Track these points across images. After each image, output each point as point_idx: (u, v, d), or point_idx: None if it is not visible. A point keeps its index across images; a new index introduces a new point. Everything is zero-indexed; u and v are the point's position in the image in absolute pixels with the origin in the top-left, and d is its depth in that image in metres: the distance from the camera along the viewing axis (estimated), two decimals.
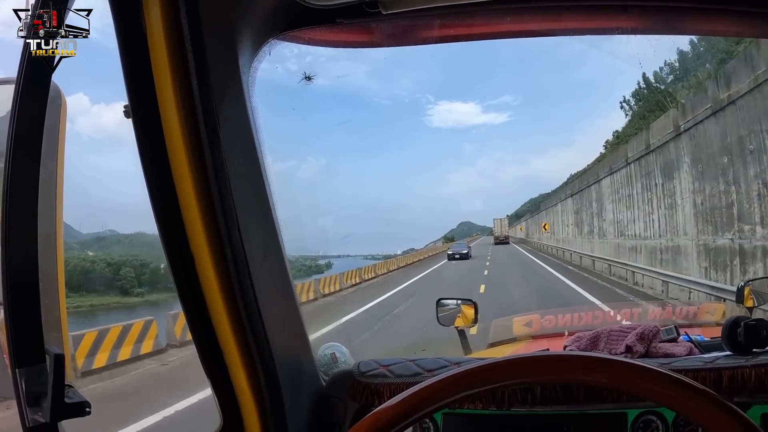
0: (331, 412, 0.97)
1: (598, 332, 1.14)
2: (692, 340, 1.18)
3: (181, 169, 0.74)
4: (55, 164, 0.86)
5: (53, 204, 0.87)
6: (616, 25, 1.05)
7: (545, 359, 0.61)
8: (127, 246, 31.86)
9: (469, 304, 1.78)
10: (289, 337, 0.92)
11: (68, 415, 0.63)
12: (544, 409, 0.93)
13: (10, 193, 0.63)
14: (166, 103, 0.72)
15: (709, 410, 0.52)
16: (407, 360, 0.99)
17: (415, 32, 1.02)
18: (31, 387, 0.62)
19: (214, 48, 0.74)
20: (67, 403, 0.62)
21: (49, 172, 0.83)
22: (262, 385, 0.83)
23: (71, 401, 0.62)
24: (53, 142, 0.84)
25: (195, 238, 0.76)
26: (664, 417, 0.93)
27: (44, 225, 0.77)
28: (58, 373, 0.61)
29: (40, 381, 0.63)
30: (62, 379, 0.62)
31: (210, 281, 0.77)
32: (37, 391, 0.62)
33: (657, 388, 0.54)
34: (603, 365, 0.57)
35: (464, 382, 0.59)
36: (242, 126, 0.81)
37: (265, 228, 0.86)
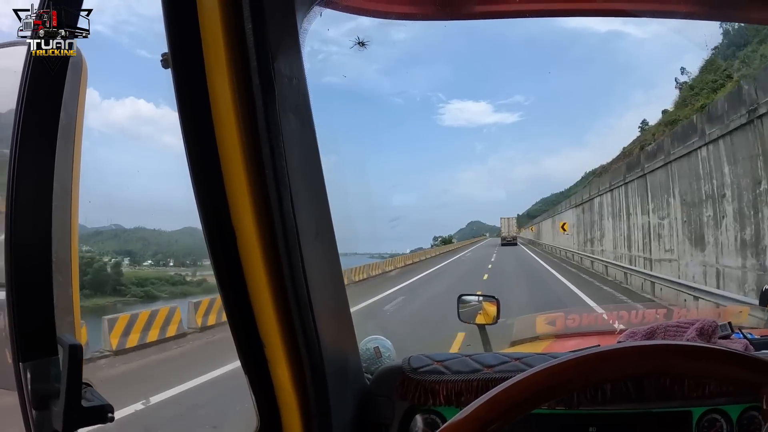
0: (377, 411, 0.86)
1: (654, 328, 1.08)
2: (745, 336, 1.14)
3: (228, 126, 0.62)
4: (72, 143, 0.74)
5: (69, 180, 0.74)
6: (651, 8, 1.00)
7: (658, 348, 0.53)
8: (123, 241, 31.63)
9: (491, 301, 1.70)
10: (337, 329, 0.81)
11: (86, 422, 0.49)
12: (613, 407, 0.85)
13: (21, 165, 0.56)
14: (214, 51, 0.61)
15: None
16: (462, 355, 0.89)
17: (468, 5, 0.95)
18: (39, 385, 0.49)
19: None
20: (84, 407, 0.49)
21: (66, 152, 0.71)
22: (307, 382, 0.71)
23: (90, 404, 0.49)
24: (71, 112, 0.72)
25: (238, 207, 0.64)
26: (728, 415, 0.88)
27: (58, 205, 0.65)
28: (74, 369, 0.48)
29: (51, 378, 0.49)
30: (79, 377, 0.49)
31: (254, 259, 0.65)
32: (46, 391, 0.49)
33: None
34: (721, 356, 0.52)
35: (571, 375, 0.50)
36: (298, 84, 0.70)
37: (318, 202, 0.74)
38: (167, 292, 24.89)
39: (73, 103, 0.67)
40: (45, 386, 0.49)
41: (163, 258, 32.20)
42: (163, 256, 31.97)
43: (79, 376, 0.49)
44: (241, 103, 0.61)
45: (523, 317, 1.91)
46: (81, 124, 0.74)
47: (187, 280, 28.21)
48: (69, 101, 0.67)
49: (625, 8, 1.01)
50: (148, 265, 31.81)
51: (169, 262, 31.59)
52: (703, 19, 1.12)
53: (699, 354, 0.52)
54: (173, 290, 25.30)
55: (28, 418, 0.48)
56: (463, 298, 1.72)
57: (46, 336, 0.50)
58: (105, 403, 0.50)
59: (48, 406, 0.49)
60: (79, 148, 0.73)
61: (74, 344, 0.49)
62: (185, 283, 27.65)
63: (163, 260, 32.25)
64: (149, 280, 26.99)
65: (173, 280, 28.25)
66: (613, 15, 1.07)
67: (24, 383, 0.48)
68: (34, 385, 0.48)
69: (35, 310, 0.50)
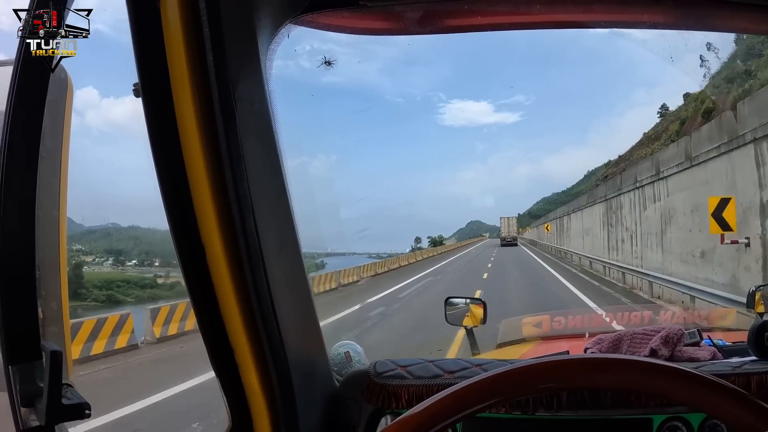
0: (345, 414, 0.92)
1: (621, 335, 1.11)
2: (714, 344, 1.15)
3: (193, 151, 0.68)
4: (59, 149, 0.80)
5: (57, 188, 0.81)
6: (648, 18, 1.02)
7: (587, 362, 0.57)
8: (114, 240, 30.96)
9: (478, 304, 1.74)
10: (303, 335, 0.87)
11: (66, 418, 0.56)
12: (569, 413, 0.89)
13: (6, 176, 0.59)
14: (179, 80, 0.67)
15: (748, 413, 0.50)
16: (426, 360, 0.95)
17: (444, 19, 0.97)
18: (26, 385, 0.56)
19: (232, 23, 0.69)
20: (64, 404, 0.56)
21: (53, 157, 0.77)
22: (274, 385, 0.77)
23: (69, 402, 0.56)
24: (58, 125, 0.78)
25: (206, 225, 0.70)
26: (689, 423, 0.89)
27: (46, 213, 0.71)
28: (55, 372, 0.55)
29: (35, 379, 0.57)
30: (59, 378, 0.56)
31: (221, 273, 0.71)
32: (31, 391, 0.56)
33: (700, 394, 0.52)
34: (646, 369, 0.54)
35: (504, 385, 0.55)
36: (260, 108, 0.75)
37: (282, 218, 0.80)
38: (133, 296, 22.92)
39: (58, 125, 0.74)
40: (31, 386, 0.57)
41: (149, 258, 30.17)
42: (147, 256, 30.09)
43: (59, 377, 0.56)
44: (205, 130, 0.67)
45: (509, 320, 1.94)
46: (68, 137, 0.80)
47: (159, 282, 25.96)
48: (54, 123, 0.73)
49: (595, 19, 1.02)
50: (132, 266, 30.05)
51: (155, 262, 29.47)
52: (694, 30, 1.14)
53: (602, 367, 0.54)
54: (140, 294, 23.44)
55: (17, 414, 0.56)
56: (450, 300, 1.77)
57: (31, 342, 0.57)
58: (83, 401, 0.58)
59: (33, 404, 0.56)
60: (67, 158, 0.79)
61: (55, 350, 0.56)
62: (156, 286, 25.50)
63: (148, 260, 30.11)
64: (115, 283, 24.70)
65: (142, 282, 26.08)
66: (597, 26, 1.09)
67: (12, 384, 0.56)
68: (21, 385, 0.56)
69: (22, 321, 0.57)
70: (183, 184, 0.69)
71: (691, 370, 0.54)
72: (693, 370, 0.54)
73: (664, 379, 0.53)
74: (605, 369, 0.55)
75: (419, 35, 0.99)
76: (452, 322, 1.75)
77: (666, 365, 0.55)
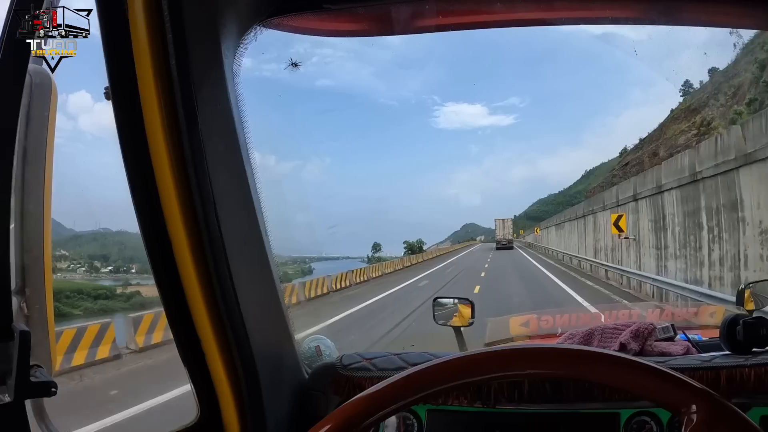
0: (314, 405, 0.95)
1: (592, 330, 1.12)
2: (690, 339, 1.15)
3: (159, 151, 0.73)
4: (43, 152, 0.84)
5: (42, 189, 0.85)
6: (611, 14, 1.04)
7: (526, 351, 0.59)
8: (99, 246, 29.73)
9: (466, 303, 1.75)
10: (270, 328, 0.90)
11: (33, 395, 0.61)
12: (532, 407, 0.90)
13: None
14: (145, 85, 0.72)
15: (705, 409, 0.50)
16: (391, 354, 0.97)
17: (410, 20, 1.00)
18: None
19: (195, 30, 0.73)
20: (32, 382, 0.60)
21: (37, 161, 0.81)
22: (239, 375, 0.81)
23: (37, 380, 0.61)
24: (42, 128, 0.83)
25: (172, 222, 0.75)
26: (658, 418, 0.89)
27: (31, 215, 0.75)
28: (23, 351, 0.60)
29: (8, 359, 0.61)
30: (27, 357, 0.60)
31: (187, 267, 0.76)
32: (2, 370, 0.61)
33: (649, 385, 0.52)
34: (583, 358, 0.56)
35: (441, 374, 0.57)
36: (223, 110, 0.80)
37: (246, 214, 0.84)
38: (81, 308, 20.04)
39: (42, 128, 0.78)
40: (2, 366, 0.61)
41: (126, 264, 28.16)
42: (124, 262, 28.08)
43: (27, 357, 0.61)
44: (170, 130, 0.72)
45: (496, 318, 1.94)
46: (52, 140, 0.83)
47: (117, 293, 23.67)
48: (38, 125, 0.77)
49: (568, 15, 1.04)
50: (106, 273, 28.26)
51: (132, 268, 27.27)
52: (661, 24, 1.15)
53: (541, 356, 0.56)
54: (91, 306, 20.72)
55: None
56: (439, 300, 1.78)
57: (3, 325, 0.62)
58: (50, 380, 0.62)
59: (4, 382, 0.61)
60: (51, 164, 0.84)
61: (24, 330, 0.61)
62: (112, 296, 23.08)
63: (125, 266, 28.08)
64: (63, 293, 21.17)
65: (96, 293, 23.13)
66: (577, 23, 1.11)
67: None
68: None
69: None
70: (150, 182, 0.74)
71: (614, 353, 0.55)
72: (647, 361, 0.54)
73: (587, 365, 0.54)
74: (537, 359, 0.56)
75: (385, 35, 1.03)
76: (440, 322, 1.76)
77: (587, 350, 0.56)
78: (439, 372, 0.56)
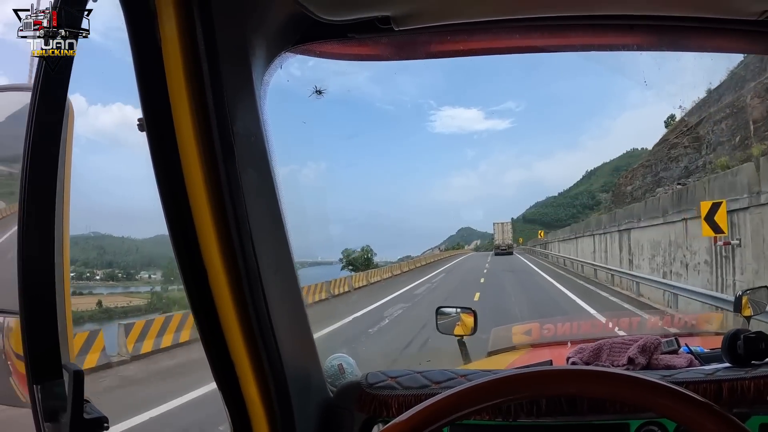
0: (339, 422, 0.98)
1: (601, 344, 1.17)
2: (692, 351, 1.21)
3: (196, 183, 0.74)
4: (63, 171, 0.85)
5: (61, 212, 0.86)
6: (622, 42, 1.08)
7: (552, 374, 0.64)
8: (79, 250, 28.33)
9: (468, 313, 1.79)
10: (299, 350, 0.93)
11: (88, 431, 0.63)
12: (549, 420, 0.95)
13: (28, 202, 0.63)
14: (181, 117, 0.73)
15: (709, 421, 0.55)
16: (415, 372, 1.01)
17: (425, 47, 1.05)
18: (49, 402, 0.62)
19: (229, 61, 0.75)
20: (86, 418, 0.62)
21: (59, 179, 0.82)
22: (272, 396, 0.83)
23: (90, 417, 0.62)
24: (62, 149, 0.83)
25: (208, 251, 0.77)
26: (665, 427, 0.95)
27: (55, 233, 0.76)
28: (78, 390, 0.61)
29: (57, 396, 0.62)
30: (81, 395, 0.62)
31: (223, 294, 0.78)
32: (54, 407, 0.62)
33: (660, 401, 0.57)
34: (608, 379, 0.60)
35: (476, 396, 0.61)
36: (256, 140, 0.82)
37: (278, 242, 0.86)
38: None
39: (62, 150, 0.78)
40: (53, 403, 0.63)
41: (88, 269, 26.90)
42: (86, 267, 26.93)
43: (81, 395, 0.62)
44: (206, 162, 0.73)
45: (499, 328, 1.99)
46: (69, 164, 0.83)
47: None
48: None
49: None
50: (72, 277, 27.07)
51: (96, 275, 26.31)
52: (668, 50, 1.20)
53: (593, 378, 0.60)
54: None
55: (40, 429, 0.62)
56: (442, 309, 1.82)
57: (53, 361, 0.63)
58: (102, 415, 0.64)
59: (57, 419, 0.62)
60: (68, 190, 0.84)
61: (78, 370, 0.62)
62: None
63: (88, 272, 26.90)
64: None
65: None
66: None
67: (37, 401, 0.62)
68: (44, 402, 0.62)
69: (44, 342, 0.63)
70: (187, 213, 0.75)
71: (633, 374, 0.61)
72: (656, 379, 0.59)
73: (614, 389, 0.59)
74: (562, 380, 0.61)
75: (404, 60, 1.08)
76: (443, 332, 1.80)
77: (609, 372, 0.61)
78: (484, 391, 0.60)
